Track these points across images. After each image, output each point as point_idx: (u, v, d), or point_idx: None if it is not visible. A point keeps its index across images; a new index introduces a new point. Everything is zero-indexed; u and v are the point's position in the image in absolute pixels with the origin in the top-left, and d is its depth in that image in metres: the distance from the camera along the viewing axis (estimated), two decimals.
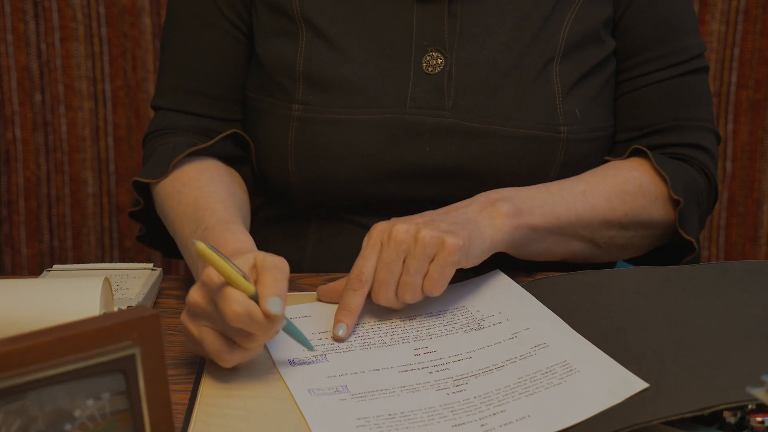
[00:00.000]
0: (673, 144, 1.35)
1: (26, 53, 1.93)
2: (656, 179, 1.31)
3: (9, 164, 1.97)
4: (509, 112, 1.29)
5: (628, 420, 0.92)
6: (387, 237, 1.13)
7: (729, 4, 1.94)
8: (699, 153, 1.36)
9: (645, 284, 1.16)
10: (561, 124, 1.30)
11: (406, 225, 1.14)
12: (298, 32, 1.31)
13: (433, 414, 0.98)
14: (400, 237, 1.13)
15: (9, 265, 2.02)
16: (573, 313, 1.11)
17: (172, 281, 1.28)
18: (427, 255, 1.12)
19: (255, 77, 1.35)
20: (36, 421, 0.75)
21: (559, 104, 1.30)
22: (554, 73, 1.31)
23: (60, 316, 1.03)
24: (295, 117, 1.30)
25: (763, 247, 2.05)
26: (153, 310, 0.79)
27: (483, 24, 1.30)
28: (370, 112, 1.29)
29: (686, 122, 1.36)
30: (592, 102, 1.33)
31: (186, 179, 1.30)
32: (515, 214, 1.20)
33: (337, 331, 1.11)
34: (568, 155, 1.30)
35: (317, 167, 1.31)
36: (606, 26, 1.34)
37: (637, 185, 1.30)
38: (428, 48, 1.30)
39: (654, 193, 1.30)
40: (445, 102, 1.29)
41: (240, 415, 0.99)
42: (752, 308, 1.09)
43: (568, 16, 1.31)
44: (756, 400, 0.89)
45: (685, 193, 1.31)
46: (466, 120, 1.29)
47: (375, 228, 1.15)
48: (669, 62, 1.34)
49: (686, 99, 1.36)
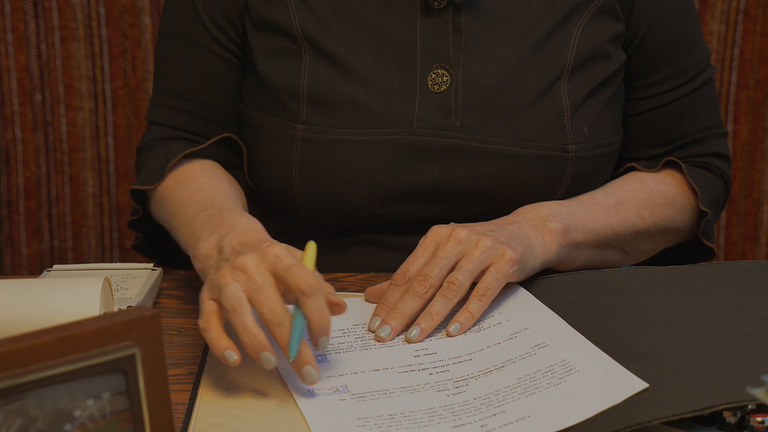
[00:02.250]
0: (696, 155, 1.38)
1: (26, 53, 1.93)
2: (685, 190, 1.34)
3: (9, 164, 1.97)
4: (517, 131, 1.28)
5: (628, 420, 0.92)
6: (446, 239, 1.13)
7: (729, 4, 1.94)
8: (719, 161, 1.40)
9: (645, 284, 1.16)
10: (570, 143, 1.29)
11: (467, 230, 1.13)
12: (301, 52, 1.29)
13: (434, 415, 0.98)
14: (462, 238, 1.12)
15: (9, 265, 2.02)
16: (573, 313, 1.11)
17: (172, 281, 1.28)
18: (484, 261, 1.11)
19: (255, 95, 1.33)
20: (36, 421, 0.75)
21: (567, 123, 1.29)
22: (563, 90, 1.29)
23: (60, 316, 1.03)
24: (299, 137, 1.28)
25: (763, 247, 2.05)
26: (153, 310, 0.79)
27: (488, 39, 1.28)
28: (375, 133, 1.28)
29: (704, 132, 1.38)
30: (600, 118, 1.32)
31: (188, 174, 1.30)
32: (564, 233, 1.21)
33: (381, 331, 1.10)
34: (576, 173, 1.30)
35: (323, 188, 1.29)
36: (613, 41, 1.32)
37: (665, 197, 1.32)
38: (433, 65, 1.28)
39: (680, 204, 1.34)
40: (452, 122, 1.28)
41: (240, 415, 0.99)
42: (752, 308, 1.09)
43: (575, 32, 1.30)
44: (756, 400, 0.89)
45: (709, 204, 1.34)
46: (473, 141, 1.28)
47: (432, 229, 1.15)
48: (683, 78, 1.36)
49: (702, 110, 1.38)
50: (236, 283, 1.00)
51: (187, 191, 1.26)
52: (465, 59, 1.28)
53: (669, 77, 1.36)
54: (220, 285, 1.01)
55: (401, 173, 1.28)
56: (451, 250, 1.12)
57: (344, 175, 1.28)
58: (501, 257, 1.12)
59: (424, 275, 1.11)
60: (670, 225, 1.33)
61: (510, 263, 1.12)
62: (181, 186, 1.28)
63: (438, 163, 1.28)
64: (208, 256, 1.09)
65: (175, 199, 1.26)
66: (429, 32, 1.28)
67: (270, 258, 1.01)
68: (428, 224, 1.20)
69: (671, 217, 1.33)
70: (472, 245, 1.12)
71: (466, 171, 1.28)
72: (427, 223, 1.22)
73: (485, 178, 1.28)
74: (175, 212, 1.24)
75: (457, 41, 1.28)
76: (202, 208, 1.19)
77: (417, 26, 1.28)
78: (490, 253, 1.12)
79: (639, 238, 1.31)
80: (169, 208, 1.27)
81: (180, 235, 1.21)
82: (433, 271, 1.11)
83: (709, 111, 1.39)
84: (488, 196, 1.29)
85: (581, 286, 1.17)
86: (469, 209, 1.28)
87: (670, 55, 1.35)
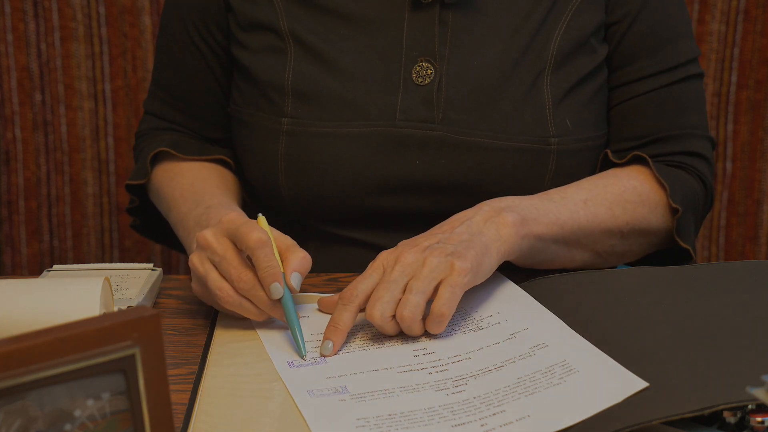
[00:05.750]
0: (671, 153, 1.35)
1: (26, 53, 1.93)
2: (656, 187, 1.30)
3: (9, 164, 1.97)
4: (499, 125, 1.28)
5: (628, 420, 0.92)
6: (393, 262, 1.11)
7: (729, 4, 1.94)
8: (695, 160, 1.36)
9: (645, 284, 1.16)
10: (551, 136, 1.29)
11: (413, 253, 1.11)
12: (287, 48, 1.31)
13: (433, 414, 0.98)
14: (408, 261, 1.10)
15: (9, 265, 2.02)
16: (573, 313, 1.11)
17: (172, 281, 1.29)
18: (434, 278, 1.09)
19: (244, 92, 1.36)
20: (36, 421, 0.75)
21: (549, 115, 1.29)
22: (545, 84, 1.30)
23: (60, 316, 1.03)
24: (284, 131, 1.31)
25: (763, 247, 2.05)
26: (153, 310, 0.79)
27: (474, 34, 1.29)
28: (359, 125, 1.29)
29: (682, 131, 1.35)
30: (583, 111, 1.32)
31: (177, 169, 1.36)
32: (521, 224, 1.18)
33: (323, 350, 1.08)
34: (559, 166, 1.30)
35: (307, 180, 1.31)
36: (596, 34, 1.32)
37: (637, 194, 1.29)
38: (418, 58, 1.29)
39: (654, 202, 1.30)
40: (435, 114, 1.28)
41: (240, 415, 0.99)
42: (752, 308, 1.09)
43: (559, 26, 1.30)
44: (756, 400, 0.89)
45: (683, 202, 1.30)
46: (455, 133, 1.28)
47: (381, 255, 1.13)
48: (662, 67, 1.34)
49: (682, 107, 1.35)
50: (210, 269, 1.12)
51: (178, 187, 1.32)
52: (450, 53, 1.29)
53: (640, 68, 1.34)
54: (196, 273, 1.13)
55: (384, 165, 1.29)
56: (399, 274, 1.10)
57: (328, 167, 1.30)
58: (451, 270, 1.09)
59: (376, 298, 1.09)
60: (643, 224, 1.29)
61: (461, 274, 1.09)
62: (173, 181, 1.34)
63: (420, 155, 1.29)
64: None
65: (168, 194, 1.33)
66: (415, 26, 1.30)
67: (225, 225, 1.12)
68: (412, 218, 1.21)
69: (644, 215, 1.29)
70: (419, 266, 1.10)
71: (448, 163, 1.29)
72: (411, 216, 1.23)
73: (467, 171, 1.29)
74: (169, 208, 1.32)
75: (443, 35, 1.29)
76: (194, 205, 1.26)
77: (404, 20, 1.30)
78: (440, 269, 1.10)
79: (610, 236, 1.28)
80: (164, 203, 1.34)
81: (177, 232, 1.30)
82: (384, 296, 1.09)
83: (692, 110, 1.36)
84: (471, 188, 1.29)
85: (581, 286, 1.17)
86: (452, 202, 1.27)
87: (645, 46, 1.33)
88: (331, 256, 1.35)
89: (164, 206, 1.35)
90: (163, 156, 1.39)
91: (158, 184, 1.35)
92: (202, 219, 1.22)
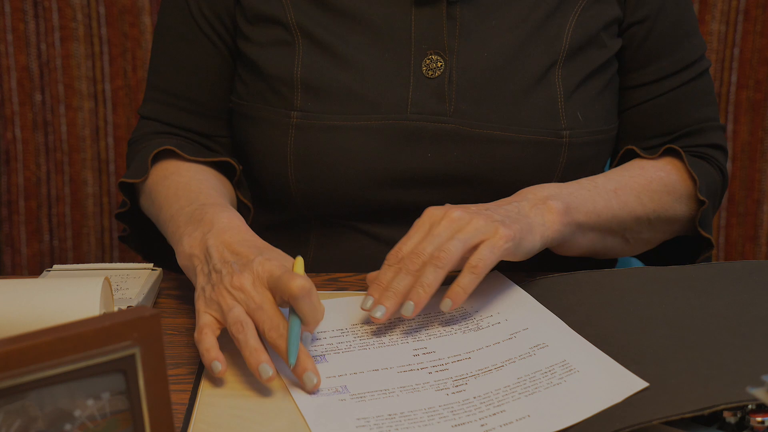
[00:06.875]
0: (698, 145, 1.39)
1: (26, 53, 1.93)
2: (684, 178, 1.34)
3: (9, 164, 1.97)
4: (511, 117, 1.29)
5: (628, 420, 0.92)
6: (440, 219, 1.13)
7: (729, 4, 1.94)
8: (717, 152, 1.40)
9: (645, 284, 1.16)
10: (563, 128, 1.30)
11: (461, 210, 1.13)
12: (294, 41, 1.31)
13: (433, 414, 0.98)
14: (455, 217, 1.12)
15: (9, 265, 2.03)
16: (573, 313, 1.11)
17: (172, 281, 1.28)
18: (477, 236, 1.11)
19: (250, 86, 1.34)
20: (36, 421, 0.75)
21: (561, 108, 1.30)
22: (557, 77, 1.30)
23: (60, 316, 1.03)
24: (294, 124, 1.30)
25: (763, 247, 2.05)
26: (153, 310, 0.79)
27: (483, 26, 1.30)
28: (369, 119, 1.29)
29: (703, 124, 1.39)
30: (594, 104, 1.33)
31: (174, 168, 1.32)
32: (565, 212, 1.21)
33: (374, 313, 1.09)
34: (570, 159, 1.31)
35: (317, 174, 1.30)
36: (608, 28, 1.34)
37: (664, 184, 1.32)
38: (427, 51, 1.29)
39: (679, 192, 1.33)
40: (446, 107, 1.29)
41: (240, 415, 0.99)
42: (752, 308, 1.09)
43: (570, 19, 1.31)
44: (756, 400, 0.89)
45: (707, 194, 1.34)
46: (467, 125, 1.28)
47: (427, 210, 1.15)
48: (681, 65, 1.37)
49: (700, 101, 1.39)
50: (238, 306, 1.05)
51: (173, 185, 1.29)
52: (459, 45, 1.30)
53: (666, 65, 1.36)
54: (221, 307, 1.06)
55: (395, 158, 1.29)
56: (445, 229, 1.12)
57: (338, 160, 1.29)
58: (494, 233, 1.12)
59: (416, 253, 1.11)
60: (669, 213, 1.33)
61: (504, 239, 1.12)
62: (167, 180, 1.30)
63: (432, 148, 1.29)
64: (191, 255, 1.14)
65: (161, 193, 1.29)
66: (423, 20, 1.30)
67: (264, 275, 1.06)
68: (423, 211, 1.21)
69: (670, 204, 1.33)
70: (466, 223, 1.12)
71: (459, 156, 1.29)
72: (422, 210, 1.23)
73: (479, 163, 1.29)
74: (161, 206, 1.27)
75: (452, 28, 1.30)
76: (187, 203, 1.23)
77: (411, 14, 1.30)
78: (484, 230, 1.12)
79: (639, 224, 1.31)
80: (156, 202, 1.30)
81: (166, 229, 1.25)
82: (426, 248, 1.11)
83: (706, 103, 1.39)
84: (483, 181, 1.30)
85: (581, 286, 1.17)
86: (464, 195, 1.28)
87: (664, 46, 1.36)
88: (340, 249, 1.35)
89: (156, 205, 1.30)
90: (163, 156, 1.36)
91: (152, 183, 1.32)
92: (195, 214, 1.19)
